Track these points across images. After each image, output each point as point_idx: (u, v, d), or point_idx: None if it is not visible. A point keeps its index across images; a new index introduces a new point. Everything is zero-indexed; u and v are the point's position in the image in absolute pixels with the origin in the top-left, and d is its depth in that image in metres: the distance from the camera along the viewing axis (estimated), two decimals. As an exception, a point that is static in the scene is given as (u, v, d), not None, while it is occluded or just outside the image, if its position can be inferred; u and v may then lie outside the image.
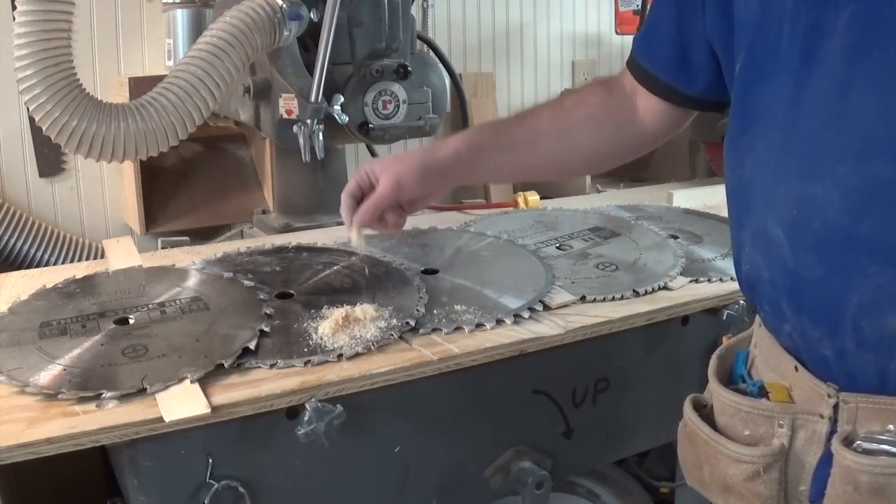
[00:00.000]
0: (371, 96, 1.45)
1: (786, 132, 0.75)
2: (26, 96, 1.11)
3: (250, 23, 1.29)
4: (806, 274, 0.74)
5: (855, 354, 0.73)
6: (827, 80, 0.71)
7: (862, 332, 0.71)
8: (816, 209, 0.72)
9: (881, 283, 0.69)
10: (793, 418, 0.78)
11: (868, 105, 0.68)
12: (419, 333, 1.04)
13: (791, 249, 0.75)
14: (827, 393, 0.76)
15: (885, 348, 0.71)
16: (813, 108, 0.72)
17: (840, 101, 0.70)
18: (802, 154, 0.73)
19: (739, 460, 0.80)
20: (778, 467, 0.79)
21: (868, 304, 0.70)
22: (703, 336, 1.24)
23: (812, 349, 0.77)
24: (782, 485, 0.79)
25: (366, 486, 1.01)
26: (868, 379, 0.73)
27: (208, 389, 0.88)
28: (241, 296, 1.11)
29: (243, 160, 1.95)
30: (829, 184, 0.71)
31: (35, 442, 0.79)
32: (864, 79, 0.69)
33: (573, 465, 1.19)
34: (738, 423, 0.82)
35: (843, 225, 0.70)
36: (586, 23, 2.44)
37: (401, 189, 1.06)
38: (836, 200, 0.70)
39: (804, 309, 0.76)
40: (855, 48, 0.69)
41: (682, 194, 1.75)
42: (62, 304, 1.09)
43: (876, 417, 0.73)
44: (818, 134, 0.72)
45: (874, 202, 0.69)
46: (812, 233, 0.73)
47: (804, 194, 0.73)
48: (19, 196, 1.73)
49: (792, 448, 0.79)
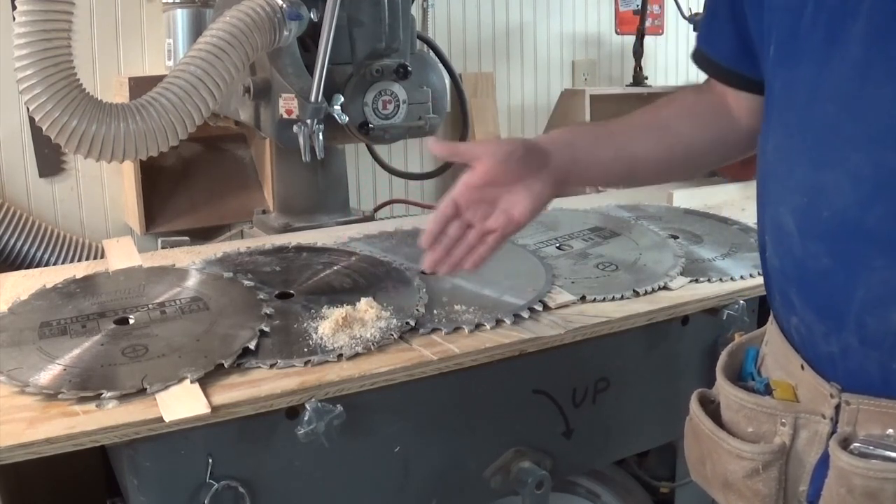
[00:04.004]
0: (371, 96, 1.45)
1: (802, 117, 0.74)
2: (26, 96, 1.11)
3: (250, 23, 1.29)
4: (813, 264, 0.73)
5: (859, 352, 0.72)
6: (846, 65, 0.69)
7: (866, 327, 0.70)
8: (826, 197, 0.71)
9: (887, 278, 0.68)
10: (795, 417, 0.78)
11: (885, 92, 0.67)
12: (419, 333, 1.04)
13: (800, 238, 0.74)
14: (830, 393, 0.75)
15: (889, 346, 0.70)
16: (830, 94, 0.71)
17: (857, 87, 0.68)
18: (816, 140, 0.72)
19: (740, 456, 0.80)
20: (778, 466, 0.79)
21: (873, 299, 0.69)
22: (703, 336, 1.24)
23: (817, 345, 0.76)
24: (782, 484, 0.79)
25: (366, 486, 1.01)
26: (871, 379, 0.72)
27: (208, 389, 0.88)
28: (241, 296, 1.11)
29: (243, 160, 1.95)
30: (840, 171, 0.70)
31: (35, 442, 0.79)
32: (882, 65, 0.67)
33: (573, 465, 1.19)
34: (742, 420, 0.82)
35: (851, 215, 0.69)
36: (586, 23, 2.44)
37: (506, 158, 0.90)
38: (847, 189, 0.69)
39: (811, 301, 0.75)
40: (876, 33, 0.67)
41: (682, 194, 1.76)
42: (62, 304, 1.09)
43: (877, 420, 0.72)
44: (833, 120, 0.70)
45: (884, 192, 0.67)
46: (820, 222, 0.72)
47: (815, 181, 0.72)
48: (19, 196, 1.73)
49: (793, 447, 0.78)
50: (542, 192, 0.92)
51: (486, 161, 0.91)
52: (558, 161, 0.93)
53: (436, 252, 0.93)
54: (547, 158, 0.93)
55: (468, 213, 0.92)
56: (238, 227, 1.89)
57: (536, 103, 2.38)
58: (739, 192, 1.89)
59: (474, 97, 2.19)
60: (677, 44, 2.63)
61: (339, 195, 1.67)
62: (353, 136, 1.49)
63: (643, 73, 2.31)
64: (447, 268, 0.94)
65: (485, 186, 0.92)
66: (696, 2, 2.43)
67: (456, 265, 0.93)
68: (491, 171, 0.90)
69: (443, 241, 0.92)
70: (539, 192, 0.92)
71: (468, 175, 0.91)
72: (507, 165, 0.90)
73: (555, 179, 0.93)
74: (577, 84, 2.42)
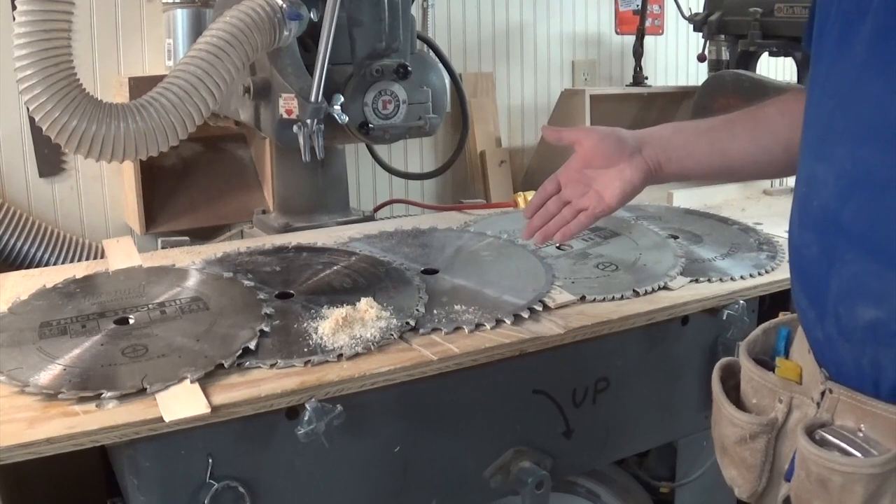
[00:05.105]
0: (371, 96, 1.45)
1: (812, 113, 0.78)
2: (26, 96, 1.11)
3: (250, 23, 1.29)
4: (805, 252, 0.77)
5: (837, 342, 0.74)
6: (850, 63, 0.72)
7: (840, 319, 0.73)
8: (817, 189, 0.74)
9: (856, 272, 0.71)
10: (791, 397, 0.81)
11: (875, 89, 0.69)
12: (419, 333, 1.04)
13: (798, 227, 0.78)
14: (819, 379, 0.78)
15: (858, 340, 0.72)
16: (833, 90, 0.74)
17: (853, 85, 0.71)
18: (816, 134, 0.76)
19: (732, 423, 0.85)
20: (766, 439, 0.82)
21: (844, 292, 0.72)
22: (703, 336, 1.24)
23: (811, 331, 0.79)
24: (769, 457, 0.83)
25: (366, 486, 1.01)
26: (848, 370, 0.74)
27: (208, 389, 0.88)
28: (241, 296, 1.11)
29: (243, 160, 1.95)
30: (828, 165, 0.73)
31: (35, 442, 0.79)
32: (878, 64, 0.69)
33: (573, 465, 1.19)
34: (750, 391, 0.87)
35: (832, 207, 0.72)
36: (586, 23, 2.44)
37: (597, 138, 1.03)
38: (831, 182, 0.72)
39: (804, 288, 0.78)
40: (879, 32, 0.69)
41: (682, 194, 1.76)
42: (62, 304, 1.09)
43: (851, 413, 0.74)
44: (830, 115, 0.74)
45: (859, 187, 0.70)
46: (811, 212, 0.75)
47: (811, 174, 0.76)
48: (19, 196, 1.73)
49: (786, 425, 0.82)
50: (633, 178, 1.03)
51: (585, 143, 1.03)
52: (651, 152, 1.02)
53: (534, 222, 1.08)
54: (641, 147, 1.02)
55: (567, 191, 1.06)
56: (238, 227, 1.89)
57: (536, 103, 2.38)
58: (739, 192, 1.89)
59: (474, 97, 2.19)
60: (677, 44, 2.62)
61: (339, 195, 1.67)
62: (353, 136, 1.49)
63: (643, 73, 2.31)
64: (541, 237, 1.07)
65: (584, 168, 1.05)
66: (696, 2, 2.43)
67: (548, 236, 1.07)
68: (590, 152, 1.03)
69: (542, 214, 1.07)
70: (630, 178, 1.02)
71: (571, 158, 1.05)
72: (604, 146, 1.02)
73: (647, 168, 1.03)
74: (577, 84, 2.42)
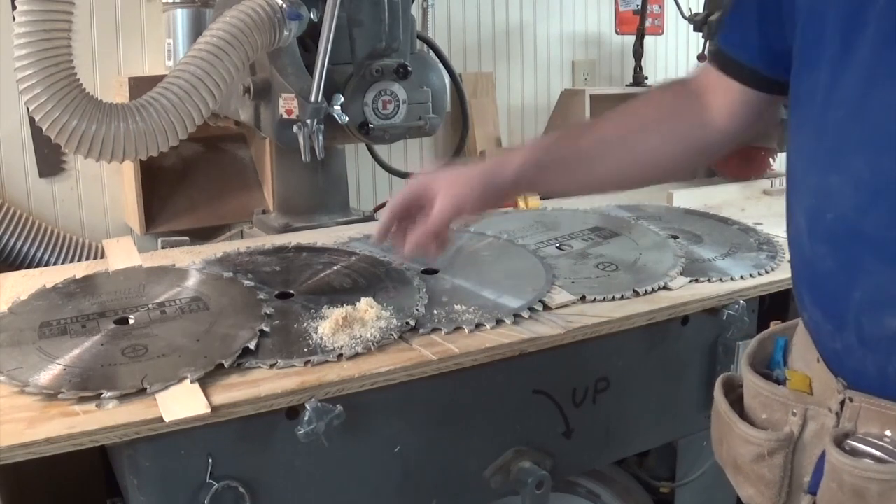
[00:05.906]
0: (371, 96, 1.45)
1: (818, 121, 0.76)
2: (26, 96, 1.11)
3: (250, 23, 1.29)
4: (819, 265, 0.75)
5: (858, 352, 0.73)
6: (856, 70, 0.70)
7: (863, 329, 0.72)
8: (831, 200, 0.73)
9: (881, 282, 0.70)
10: (805, 409, 0.80)
11: (888, 97, 0.68)
12: (419, 333, 1.04)
13: (809, 239, 0.76)
14: (837, 389, 0.77)
15: (884, 349, 0.71)
16: (841, 99, 0.72)
17: (864, 93, 0.70)
18: (826, 144, 0.74)
19: (748, 441, 0.83)
20: (784, 454, 0.81)
21: (869, 302, 0.71)
22: (703, 336, 1.24)
23: (825, 342, 0.78)
24: (787, 471, 0.81)
25: (366, 486, 1.01)
26: (870, 379, 0.73)
27: (208, 389, 0.88)
28: (241, 296, 1.11)
29: (243, 160, 1.95)
30: (844, 175, 0.72)
31: (35, 442, 0.78)
32: (887, 71, 0.68)
33: (573, 465, 1.19)
34: (758, 406, 0.85)
35: (850, 218, 0.71)
36: (586, 23, 2.44)
37: (459, 214, 0.98)
38: (849, 193, 0.71)
39: (817, 300, 0.77)
40: (884, 38, 0.68)
41: (682, 194, 1.76)
42: (62, 304, 1.09)
43: (876, 420, 0.73)
44: (842, 124, 0.72)
45: (881, 197, 0.69)
46: (826, 224, 0.74)
47: (823, 184, 0.74)
48: (19, 196, 1.73)
49: (801, 438, 0.80)
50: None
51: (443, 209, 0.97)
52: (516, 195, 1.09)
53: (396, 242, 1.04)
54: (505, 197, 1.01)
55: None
56: (238, 227, 1.89)
57: (536, 103, 2.38)
58: (739, 192, 1.89)
59: (474, 97, 2.19)
60: (677, 44, 2.62)
61: (339, 195, 1.67)
62: (353, 136, 1.49)
63: (643, 73, 2.31)
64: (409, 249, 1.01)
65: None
66: (696, 2, 2.43)
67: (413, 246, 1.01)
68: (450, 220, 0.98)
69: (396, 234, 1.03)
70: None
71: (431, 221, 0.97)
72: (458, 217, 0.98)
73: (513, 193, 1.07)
74: (577, 84, 2.42)
